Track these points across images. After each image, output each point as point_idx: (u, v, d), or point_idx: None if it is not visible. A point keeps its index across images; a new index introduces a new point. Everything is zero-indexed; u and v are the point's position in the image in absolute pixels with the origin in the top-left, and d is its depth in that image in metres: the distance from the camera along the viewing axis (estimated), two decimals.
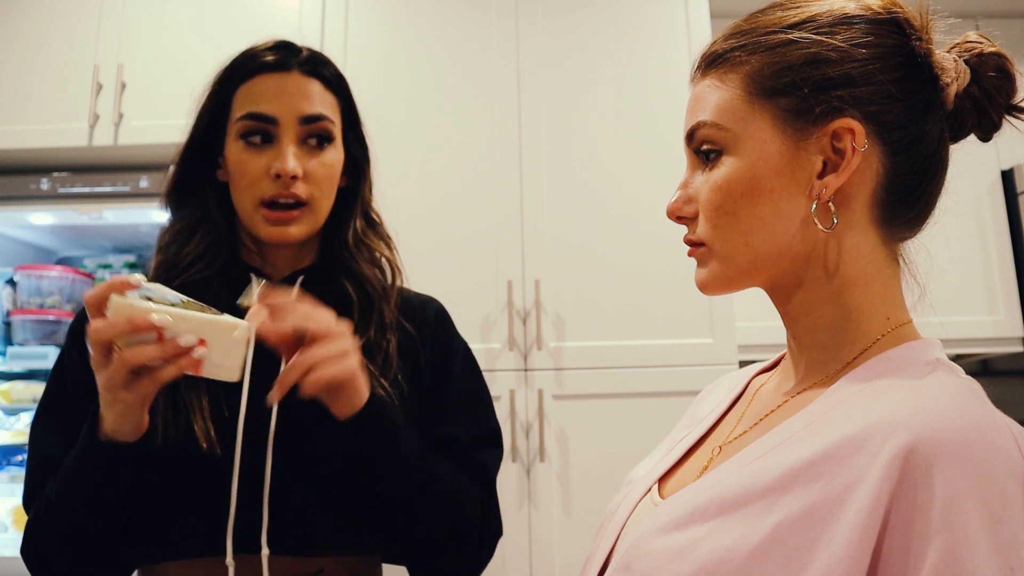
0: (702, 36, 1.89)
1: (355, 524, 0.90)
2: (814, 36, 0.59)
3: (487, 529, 0.95)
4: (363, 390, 0.82)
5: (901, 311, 0.62)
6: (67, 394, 0.91)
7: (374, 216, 1.05)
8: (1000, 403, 0.54)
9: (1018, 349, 2.10)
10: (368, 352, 0.92)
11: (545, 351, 1.81)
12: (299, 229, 0.93)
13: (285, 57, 0.95)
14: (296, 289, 0.93)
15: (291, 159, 0.90)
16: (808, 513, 0.50)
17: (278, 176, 0.90)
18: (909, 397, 0.53)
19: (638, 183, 1.88)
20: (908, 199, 0.61)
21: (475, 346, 1.79)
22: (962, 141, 0.63)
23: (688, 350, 1.82)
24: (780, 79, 0.59)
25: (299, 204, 0.92)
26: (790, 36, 0.60)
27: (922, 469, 0.48)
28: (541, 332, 1.81)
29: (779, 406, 0.64)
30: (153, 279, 0.91)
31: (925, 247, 0.65)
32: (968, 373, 0.59)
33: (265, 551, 0.83)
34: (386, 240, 1.05)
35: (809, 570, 0.49)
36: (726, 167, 0.61)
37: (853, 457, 0.51)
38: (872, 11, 0.60)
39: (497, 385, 1.79)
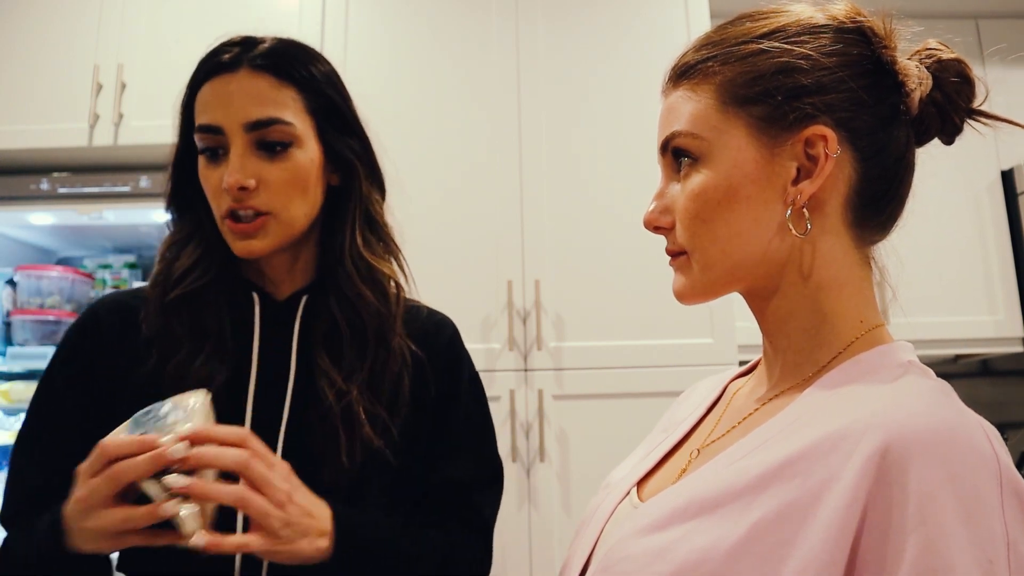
0: None
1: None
2: (784, 45, 0.61)
3: None
4: (311, 541, 0.73)
5: (873, 314, 0.63)
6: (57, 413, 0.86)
7: (377, 218, 0.93)
8: (1000, 403, 0.55)
9: (1018, 349, 2.10)
10: (372, 388, 0.86)
11: (545, 351, 1.81)
12: (265, 242, 0.85)
13: (239, 55, 0.86)
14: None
15: (233, 172, 0.82)
16: (785, 511, 0.51)
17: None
18: (883, 398, 0.54)
19: (638, 183, 1.88)
20: (879, 203, 0.62)
21: (475, 346, 1.81)
22: (958, 143, 0.64)
23: (688, 350, 1.82)
24: (753, 88, 0.61)
25: (260, 214, 0.84)
26: (761, 46, 0.61)
27: (897, 467, 0.49)
28: (541, 332, 1.81)
29: (756, 410, 0.65)
30: (151, 289, 0.89)
31: (896, 250, 0.66)
32: (968, 373, 0.60)
33: None
34: (392, 250, 0.94)
35: (786, 567, 0.50)
36: (702, 176, 0.62)
37: (828, 456, 0.52)
38: (838, 20, 0.62)
39: (497, 385, 1.79)
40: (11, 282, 2.07)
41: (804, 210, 0.60)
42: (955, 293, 2.09)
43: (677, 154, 0.64)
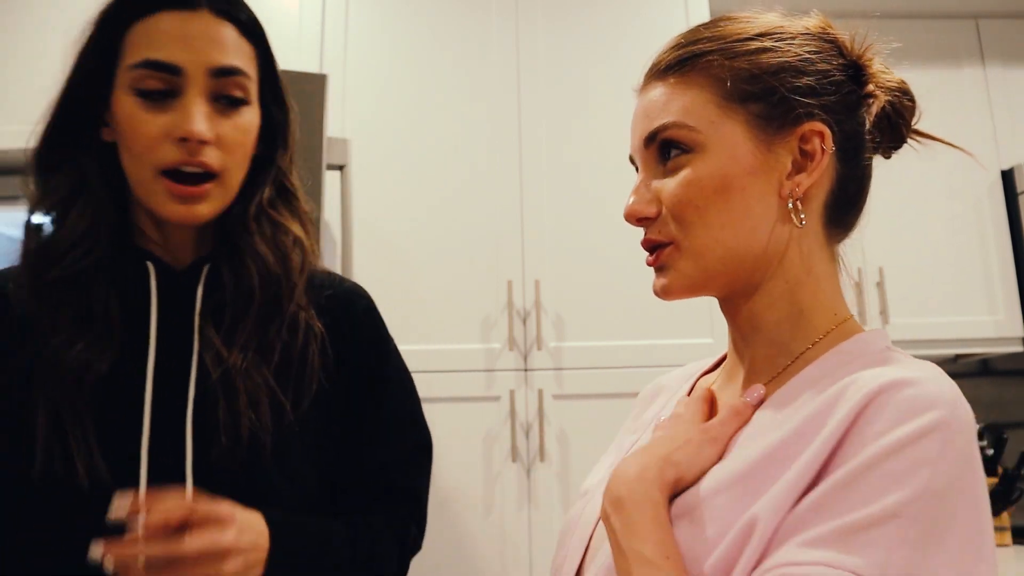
0: None
1: None
2: (783, 45, 0.62)
3: (406, 561, 0.88)
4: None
5: (843, 306, 0.65)
6: None
7: (290, 186, 0.86)
8: (1000, 403, 0.56)
9: (1018, 349, 2.10)
10: (264, 360, 0.78)
11: (545, 351, 1.81)
12: (209, 207, 0.77)
13: None
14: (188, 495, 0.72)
15: (200, 119, 0.74)
16: (778, 491, 0.52)
17: (184, 140, 0.74)
18: (876, 367, 0.56)
19: None
20: (850, 202, 0.65)
21: (475, 346, 1.82)
22: (959, 143, 0.67)
23: (688, 350, 1.82)
24: (755, 84, 0.61)
25: (209, 176, 0.76)
26: (763, 43, 0.62)
27: (877, 404, 0.51)
28: (541, 332, 1.81)
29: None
30: (23, 264, 0.78)
31: (896, 250, 0.67)
32: (968, 373, 0.62)
33: None
34: (300, 216, 0.86)
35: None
36: (695, 165, 0.61)
37: (825, 416, 0.54)
38: (812, 33, 0.64)
39: (497, 385, 1.79)
40: None
41: (798, 203, 0.61)
42: (955, 293, 2.08)
43: (666, 146, 0.63)
